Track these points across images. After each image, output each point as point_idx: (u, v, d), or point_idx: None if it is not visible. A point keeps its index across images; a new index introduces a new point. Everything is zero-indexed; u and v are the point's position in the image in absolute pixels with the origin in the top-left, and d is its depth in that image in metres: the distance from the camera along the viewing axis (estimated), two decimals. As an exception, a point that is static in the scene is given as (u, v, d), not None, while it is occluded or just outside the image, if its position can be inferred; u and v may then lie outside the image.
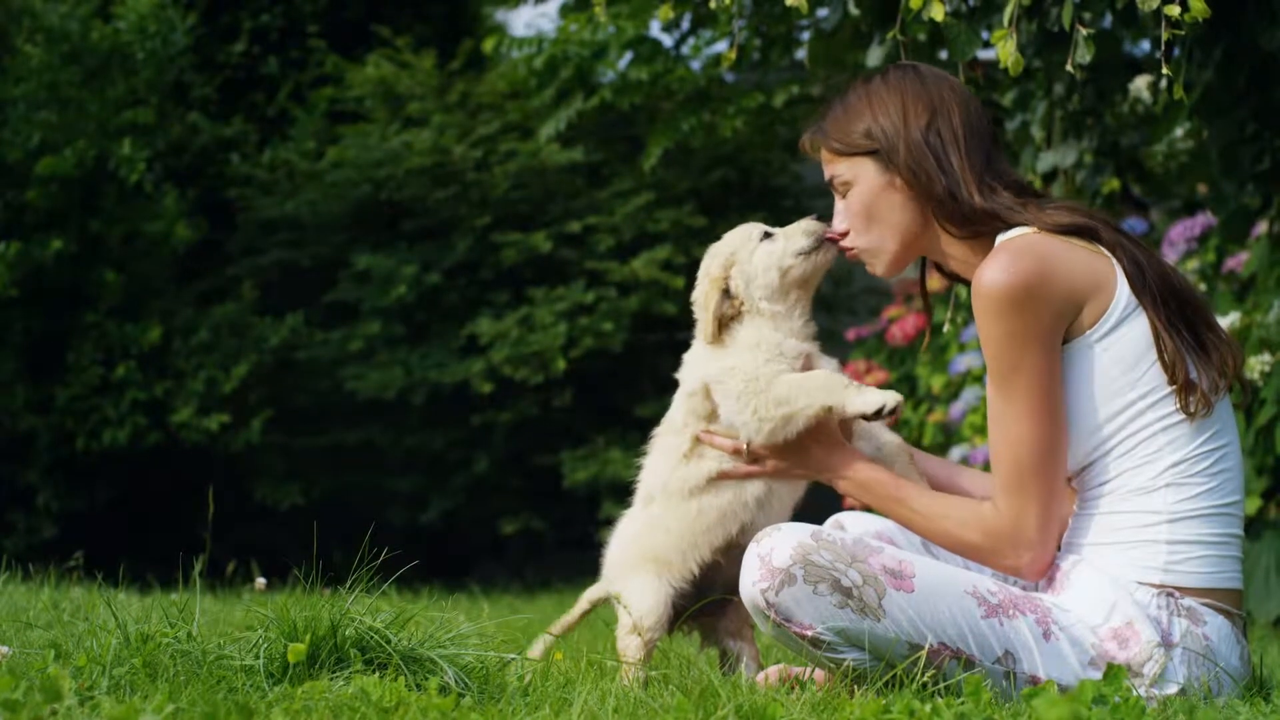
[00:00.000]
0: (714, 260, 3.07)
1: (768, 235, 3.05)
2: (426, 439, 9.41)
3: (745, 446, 2.93)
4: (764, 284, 3.01)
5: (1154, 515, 2.70)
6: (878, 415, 2.83)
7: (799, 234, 3.03)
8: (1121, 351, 2.70)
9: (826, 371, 2.93)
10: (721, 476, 2.98)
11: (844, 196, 2.92)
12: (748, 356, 2.96)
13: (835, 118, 2.92)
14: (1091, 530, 2.76)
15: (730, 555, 3.04)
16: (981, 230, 2.81)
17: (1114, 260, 2.73)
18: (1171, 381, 2.68)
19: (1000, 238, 2.79)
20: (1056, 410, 2.69)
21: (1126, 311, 2.70)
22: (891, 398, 2.82)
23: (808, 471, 2.93)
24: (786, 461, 2.92)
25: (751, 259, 3.02)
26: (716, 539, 3.02)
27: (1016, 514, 2.71)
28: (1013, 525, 2.72)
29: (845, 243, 2.93)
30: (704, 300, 3.05)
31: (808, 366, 2.99)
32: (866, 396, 2.84)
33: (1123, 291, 2.70)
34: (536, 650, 3.11)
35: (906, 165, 2.82)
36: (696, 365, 3.05)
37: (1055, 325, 2.68)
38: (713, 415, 2.99)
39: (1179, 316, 2.72)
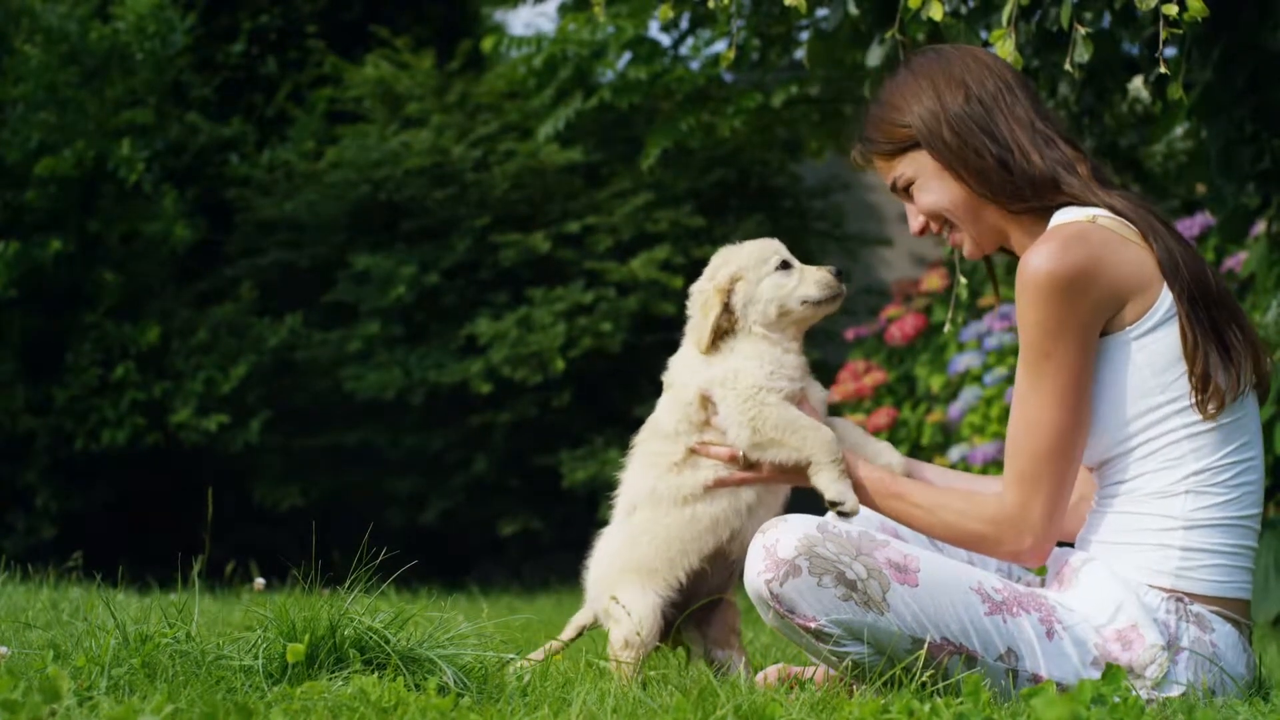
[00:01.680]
0: (723, 269, 3.03)
1: (784, 265, 3.02)
2: (425, 439, 9.41)
3: (741, 453, 2.92)
4: (761, 312, 2.99)
5: (1171, 520, 2.70)
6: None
7: (813, 283, 3.00)
8: (1156, 353, 2.68)
9: (831, 434, 2.89)
10: (718, 484, 2.97)
11: (910, 197, 2.90)
12: (753, 365, 2.93)
13: (874, 122, 2.90)
14: (1106, 528, 2.76)
15: (716, 563, 3.03)
16: (1035, 206, 2.79)
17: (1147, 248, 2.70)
18: (1190, 376, 2.67)
19: (1054, 219, 2.77)
20: (1081, 402, 2.68)
21: (1168, 314, 2.68)
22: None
23: (804, 476, 2.91)
24: (782, 466, 2.91)
25: (759, 284, 2.99)
26: (707, 546, 3.00)
27: (1025, 499, 2.71)
28: (1019, 510, 2.72)
29: (932, 232, 2.91)
30: (704, 306, 3.02)
31: (803, 390, 2.98)
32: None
33: (1168, 294, 2.68)
34: (538, 655, 3.11)
35: (954, 144, 2.80)
36: (690, 371, 3.01)
37: (1094, 319, 2.67)
38: (706, 424, 2.97)
39: (1205, 312, 2.69)
